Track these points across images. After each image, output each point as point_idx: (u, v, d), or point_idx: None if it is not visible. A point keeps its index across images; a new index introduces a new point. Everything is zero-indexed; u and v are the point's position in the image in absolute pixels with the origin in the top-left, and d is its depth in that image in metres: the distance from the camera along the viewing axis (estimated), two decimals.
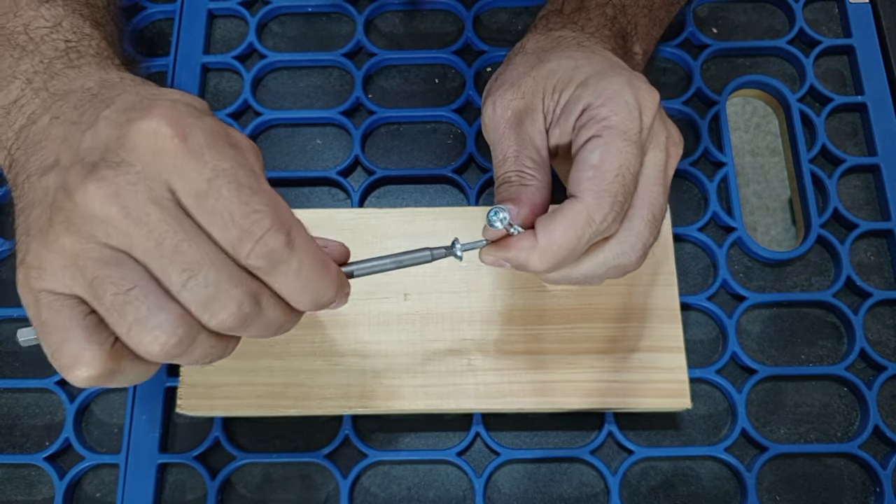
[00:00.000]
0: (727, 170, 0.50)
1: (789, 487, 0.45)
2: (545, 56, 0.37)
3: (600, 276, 0.35)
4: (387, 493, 0.45)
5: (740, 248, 0.49)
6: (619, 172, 0.32)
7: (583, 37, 0.40)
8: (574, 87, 0.34)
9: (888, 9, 0.54)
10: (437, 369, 0.43)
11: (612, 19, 0.42)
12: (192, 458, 0.45)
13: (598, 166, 0.32)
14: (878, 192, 0.50)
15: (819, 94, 0.52)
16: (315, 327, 0.44)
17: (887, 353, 0.47)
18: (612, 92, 0.33)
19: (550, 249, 0.32)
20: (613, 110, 0.32)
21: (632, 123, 0.32)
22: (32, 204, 0.28)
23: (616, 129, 0.32)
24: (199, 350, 0.27)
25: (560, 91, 0.35)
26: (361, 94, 0.52)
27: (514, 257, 0.33)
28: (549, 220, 0.32)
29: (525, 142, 0.35)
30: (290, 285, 0.27)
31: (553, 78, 0.35)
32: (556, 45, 0.39)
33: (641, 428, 0.45)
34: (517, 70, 0.37)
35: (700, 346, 0.47)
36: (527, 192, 0.34)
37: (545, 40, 0.40)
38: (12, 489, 0.46)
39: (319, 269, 0.28)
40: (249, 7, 0.56)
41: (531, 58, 0.38)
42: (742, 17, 0.55)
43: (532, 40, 0.40)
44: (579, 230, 0.32)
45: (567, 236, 0.32)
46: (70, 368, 0.26)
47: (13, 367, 0.48)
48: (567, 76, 0.35)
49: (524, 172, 0.34)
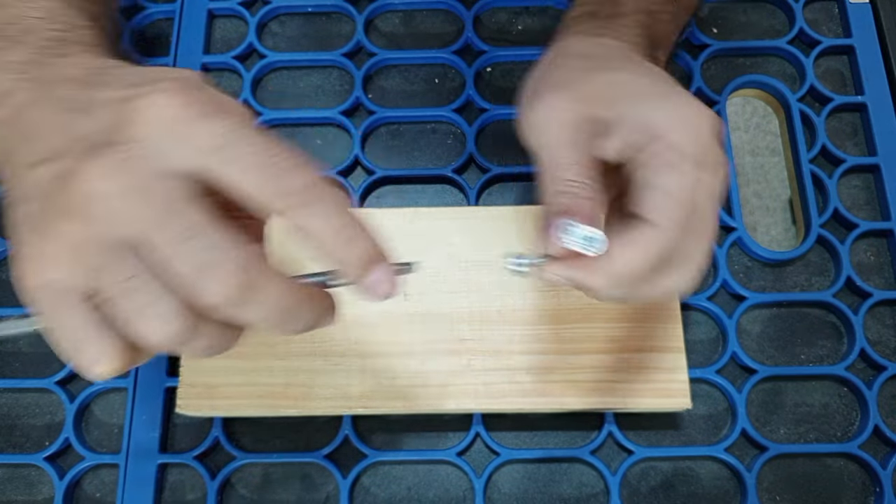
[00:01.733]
0: (727, 170, 0.50)
1: (789, 487, 0.45)
2: (600, 63, 0.35)
3: (652, 298, 0.34)
4: (387, 493, 0.45)
5: (740, 248, 0.49)
6: (693, 199, 0.31)
7: (626, 48, 0.38)
8: (635, 105, 0.33)
9: (888, 9, 0.54)
10: (437, 369, 0.43)
11: (646, 27, 0.40)
12: (192, 458, 0.45)
13: (673, 194, 0.31)
14: (878, 192, 0.50)
15: (819, 94, 0.52)
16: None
17: (887, 353, 0.47)
18: (681, 116, 0.32)
19: (621, 273, 0.31)
20: (686, 138, 0.31)
21: (702, 150, 0.32)
22: (25, 198, 0.27)
23: (690, 157, 0.31)
24: (202, 340, 0.26)
25: (620, 104, 0.33)
26: (361, 94, 0.53)
27: (583, 278, 0.31)
28: (622, 245, 0.31)
29: (584, 150, 0.33)
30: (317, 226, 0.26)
31: (613, 89, 0.33)
32: (605, 53, 0.37)
33: (641, 428, 0.45)
34: (571, 73, 0.35)
35: (700, 346, 0.47)
36: (592, 207, 0.32)
37: (590, 45, 0.38)
38: (12, 489, 0.46)
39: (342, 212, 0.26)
40: (249, 7, 0.56)
41: (583, 62, 0.36)
42: (742, 17, 0.55)
43: (575, 43, 0.38)
44: (652, 257, 0.31)
45: (638, 262, 0.31)
46: (90, 368, 0.26)
47: (13, 367, 0.48)
48: (626, 91, 0.33)
49: (586, 184, 0.32)
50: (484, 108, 0.52)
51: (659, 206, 0.31)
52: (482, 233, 0.45)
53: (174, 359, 0.47)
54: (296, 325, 0.26)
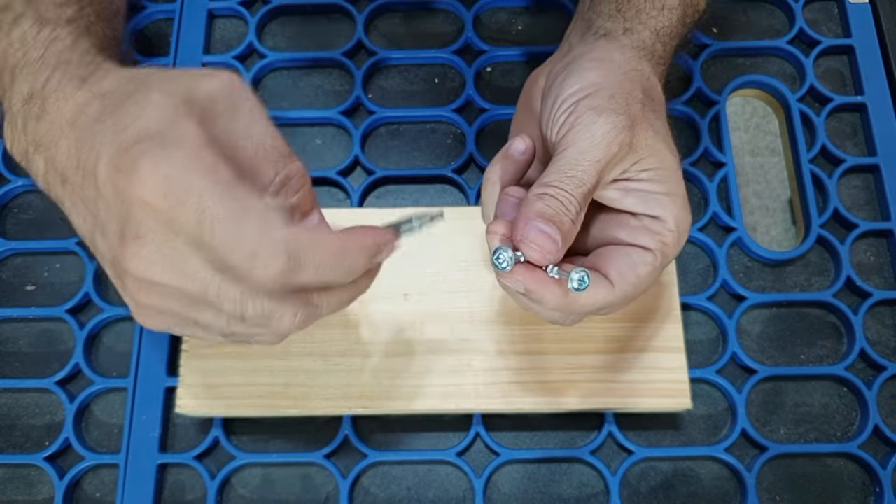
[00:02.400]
0: (727, 170, 0.50)
1: (789, 487, 0.45)
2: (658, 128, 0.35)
3: (556, 322, 0.36)
4: (387, 493, 0.45)
5: (740, 248, 0.49)
6: (645, 286, 0.35)
7: (658, 82, 0.38)
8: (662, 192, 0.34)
9: (888, 9, 0.54)
10: (437, 369, 0.43)
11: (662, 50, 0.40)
12: (192, 458, 0.45)
13: (642, 280, 0.34)
14: (878, 192, 0.50)
15: (819, 94, 0.52)
16: (315, 327, 0.44)
17: (887, 353, 0.47)
18: (683, 227, 0.35)
19: (570, 304, 0.33)
20: (675, 244, 0.35)
21: (675, 252, 0.35)
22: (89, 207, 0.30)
23: (667, 259, 0.35)
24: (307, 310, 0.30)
25: (650, 178, 0.34)
26: (361, 93, 0.52)
27: (541, 294, 0.32)
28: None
29: (599, 184, 0.34)
30: (321, 279, 0.28)
31: (654, 161, 0.34)
32: (663, 116, 0.37)
33: (641, 428, 0.45)
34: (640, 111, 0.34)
35: (700, 346, 0.47)
36: (572, 235, 0.33)
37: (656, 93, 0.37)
38: (12, 489, 0.46)
39: (335, 257, 0.28)
40: (249, 7, 0.56)
41: (648, 110, 0.35)
42: (742, 17, 0.55)
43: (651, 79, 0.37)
44: (597, 307, 0.34)
45: (587, 306, 0.34)
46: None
47: (13, 367, 0.48)
48: (665, 175, 0.34)
49: (580, 214, 0.33)
50: (484, 108, 0.52)
51: (627, 280, 0.34)
52: (482, 233, 0.45)
53: (174, 359, 0.47)
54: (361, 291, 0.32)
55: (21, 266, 0.50)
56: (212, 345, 0.44)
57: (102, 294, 0.49)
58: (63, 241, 0.50)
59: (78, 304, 0.48)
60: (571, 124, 0.33)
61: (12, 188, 0.51)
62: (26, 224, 0.51)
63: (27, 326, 0.49)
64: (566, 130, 0.34)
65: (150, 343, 0.47)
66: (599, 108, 0.33)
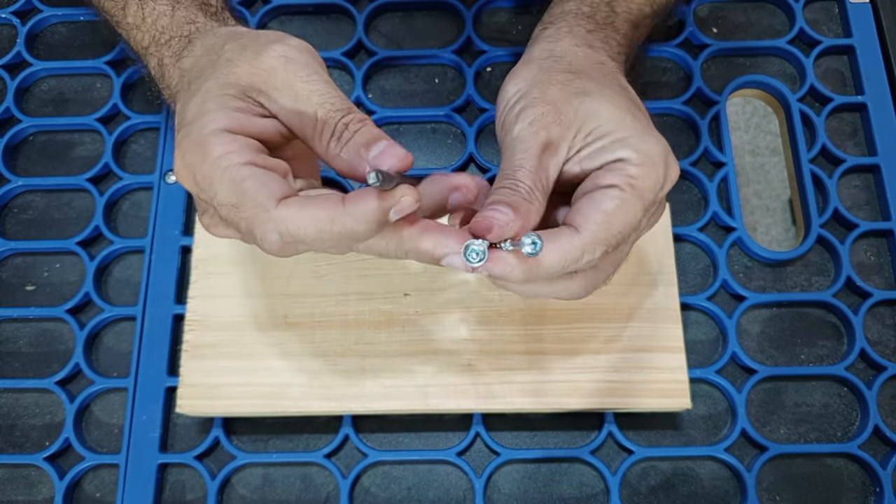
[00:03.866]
0: (727, 170, 0.50)
1: (789, 487, 0.45)
2: (589, 89, 0.36)
3: (553, 296, 0.36)
4: (387, 493, 0.45)
5: (740, 248, 0.49)
6: (623, 229, 0.33)
7: (616, 69, 0.39)
8: (612, 140, 0.35)
9: (888, 9, 0.54)
10: (437, 369, 0.43)
11: (629, 41, 0.42)
12: (192, 458, 0.45)
13: (610, 215, 0.33)
14: (878, 192, 0.50)
15: (819, 94, 0.52)
16: (315, 327, 0.44)
17: (887, 353, 0.47)
18: (649, 157, 0.34)
19: (536, 269, 0.33)
20: (644, 174, 0.34)
21: (653, 192, 0.34)
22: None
23: (638, 191, 0.34)
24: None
25: (596, 137, 0.35)
26: (361, 93, 0.52)
27: (499, 269, 0.33)
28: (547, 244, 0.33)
29: (545, 167, 0.35)
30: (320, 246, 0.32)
31: (595, 121, 0.35)
32: (598, 73, 0.38)
33: (641, 428, 0.45)
34: (559, 91, 0.36)
35: (700, 346, 0.47)
36: (528, 210, 0.33)
37: (584, 60, 0.38)
38: (12, 489, 0.46)
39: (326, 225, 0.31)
40: (249, 7, 0.56)
41: (574, 82, 0.37)
42: (742, 17, 0.55)
43: (570, 51, 0.39)
44: (567, 261, 0.33)
45: (555, 262, 0.33)
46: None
47: (13, 367, 0.48)
48: (609, 127, 0.35)
49: (534, 192, 0.34)
50: (484, 108, 0.52)
51: (591, 219, 0.33)
52: None
53: (174, 359, 0.47)
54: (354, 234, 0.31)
55: (21, 266, 0.50)
56: (212, 345, 0.44)
57: (102, 294, 0.49)
58: (63, 241, 0.50)
59: (78, 304, 0.48)
60: (504, 135, 0.37)
61: (12, 188, 0.51)
62: (26, 224, 0.51)
63: (27, 326, 0.49)
64: (502, 139, 0.37)
65: (151, 343, 0.47)
66: (518, 112, 0.36)
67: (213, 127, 0.32)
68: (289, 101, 0.33)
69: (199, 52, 0.37)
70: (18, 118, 0.53)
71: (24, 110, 0.54)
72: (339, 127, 0.33)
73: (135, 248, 0.50)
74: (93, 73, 0.55)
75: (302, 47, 0.35)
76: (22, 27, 0.55)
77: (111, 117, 0.53)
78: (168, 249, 0.49)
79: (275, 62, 0.33)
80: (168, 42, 0.39)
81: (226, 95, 0.33)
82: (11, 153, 0.53)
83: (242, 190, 0.31)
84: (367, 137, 0.32)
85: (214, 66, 0.34)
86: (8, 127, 0.53)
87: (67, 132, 0.54)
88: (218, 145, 0.31)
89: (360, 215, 0.30)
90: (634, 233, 0.35)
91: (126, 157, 0.53)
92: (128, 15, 0.41)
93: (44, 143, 0.53)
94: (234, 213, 0.32)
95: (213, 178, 0.31)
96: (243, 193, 0.31)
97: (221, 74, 0.34)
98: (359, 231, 0.31)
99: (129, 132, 0.53)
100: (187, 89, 0.36)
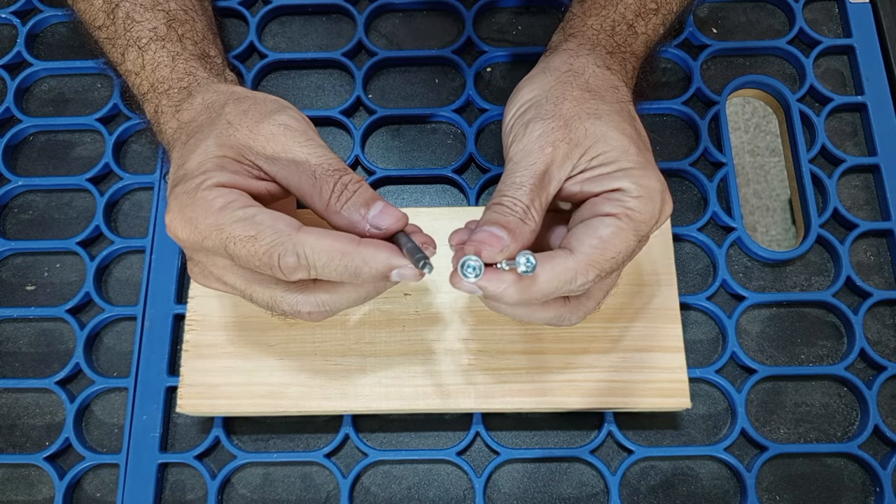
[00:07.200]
0: (727, 170, 0.50)
1: (789, 487, 0.45)
2: (601, 111, 0.37)
3: (545, 322, 0.37)
4: (387, 492, 0.45)
5: (740, 248, 0.49)
6: (616, 256, 0.35)
7: (629, 95, 0.40)
8: (615, 169, 0.36)
9: (888, 9, 0.54)
10: (437, 369, 0.43)
11: (643, 62, 0.43)
12: (192, 458, 0.45)
13: (605, 241, 0.34)
14: (878, 192, 0.50)
15: (819, 94, 0.52)
16: (315, 327, 0.44)
17: (887, 353, 0.47)
18: (648, 191, 0.35)
19: (530, 289, 0.34)
20: (642, 207, 0.35)
21: (647, 226, 0.35)
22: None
23: (635, 223, 0.35)
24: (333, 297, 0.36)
25: (601, 163, 0.36)
26: (361, 93, 0.53)
27: (493, 286, 0.34)
28: (539, 264, 0.34)
29: (546, 186, 0.36)
30: (329, 275, 0.33)
31: (602, 146, 0.36)
32: (612, 98, 0.38)
33: (641, 428, 0.46)
34: (572, 107, 0.37)
35: (700, 346, 0.47)
36: (523, 231, 0.34)
37: (602, 81, 0.39)
38: (12, 489, 0.46)
39: (337, 258, 0.33)
40: (249, 7, 0.56)
41: (589, 102, 0.37)
42: (742, 17, 0.55)
43: (588, 69, 0.39)
44: (561, 282, 0.34)
45: (549, 282, 0.34)
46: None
47: (13, 367, 0.48)
48: (615, 155, 0.36)
49: (530, 211, 0.35)
50: (484, 108, 0.52)
51: (586, 244, 0.34)
52: None
53: (174, 358, 0.47)
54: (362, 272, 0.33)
55: (21, 266, 0.50)
56: (212, 345, 0.44)
57: (103, 294, 0.49)
58: (63, 241, 0.50)
59: (78, 304, 0.48)
60: (511, 142, 0.38)
61: (12, 188, 0.51)
62: (26, 224, 0.51)
63: (27, 326, 0.49)
64: (509, 147, 0.38)
65: (151, 343, 0.47)
66: (529, 121, 0.37)
67: (211, 182, 0.34)
68: (288, 162, 0.35)
69: (199, 107, 0.39)
70: (18, 118, 0.53)
71: (25, 110, 0.54)
72: (338, 186, 0.35)
73: (135, 248, 0.50)
74: (93, 73, 0.55)
75: (300, 117, 0.37)
76: (22, 27, 0.55)
77: (111, 117, 0.53)
78: (168, 249, 0.49)
79: (276, 129, 0.36)
80: (167, 91, 0.40)
81: (224, 157, 0.35)
82: (11, 153, 0.53)
83: (258, 222, 0.33)
84: (364, 198, 0.35)
85: (214, 125, 0.36)
86: (8, 127, 0.53)
87: (67, 132, 0.54)
88: (220, 197, 0.33)
89: (370, 259, 0.33)
90: (626, 261, 0.36)
91: (126, 157, 0.53)
92: (127, 61, 0.42)
93: (44, 143, 0.53)
94: (250, 244, 0.33)
95: (222, 222, 0.33)
96: (259, 224, 0.33)
97: (221, 135, 0.36)
98: (362, 272, 0.33)
99: (130, 132, 0.53)
100: (184, 144, 0.37)
